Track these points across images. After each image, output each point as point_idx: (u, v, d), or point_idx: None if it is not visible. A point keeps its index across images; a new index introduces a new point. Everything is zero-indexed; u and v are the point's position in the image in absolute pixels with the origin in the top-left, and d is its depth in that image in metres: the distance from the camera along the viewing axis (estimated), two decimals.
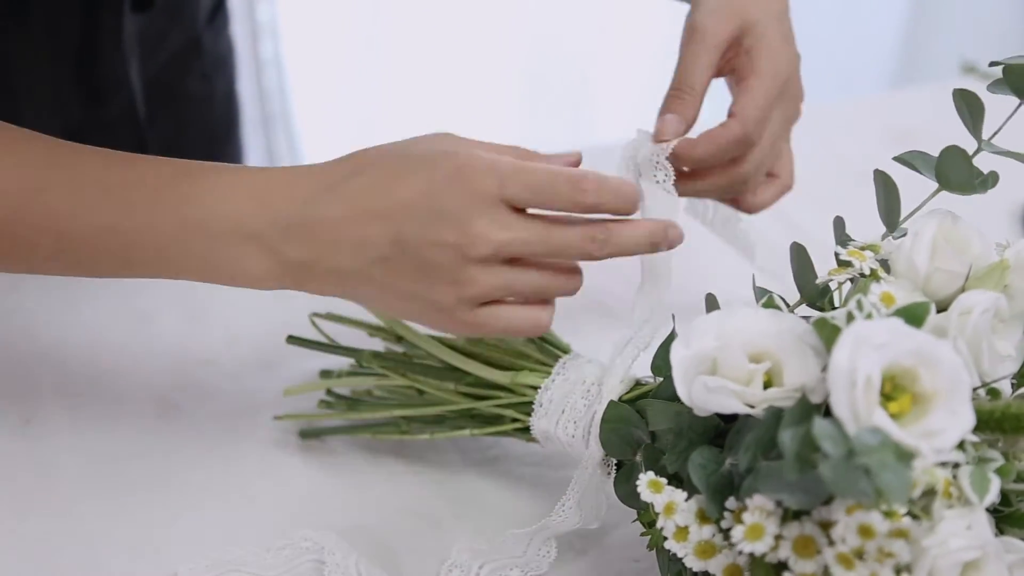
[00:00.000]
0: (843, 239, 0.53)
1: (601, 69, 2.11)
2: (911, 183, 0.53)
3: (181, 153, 0.58)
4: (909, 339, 0.42)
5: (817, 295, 0.52)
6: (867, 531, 0.41)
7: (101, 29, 0.79)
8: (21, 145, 0.55)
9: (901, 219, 0.53)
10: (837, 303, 0.52)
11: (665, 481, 0.48)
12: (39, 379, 0.71)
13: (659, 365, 0.55)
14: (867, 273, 0.49)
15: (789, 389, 0.44)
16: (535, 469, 0.65)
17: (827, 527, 0.42)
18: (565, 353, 0.60)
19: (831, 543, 0.42)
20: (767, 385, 0.45)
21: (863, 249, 0.50)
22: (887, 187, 0.52)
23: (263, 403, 0.69)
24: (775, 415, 0.43)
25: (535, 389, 0.58)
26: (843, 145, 1.05)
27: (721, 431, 0.48)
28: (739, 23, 0.63)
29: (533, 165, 0.53)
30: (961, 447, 0.43)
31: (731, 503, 0.45)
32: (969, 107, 0.52)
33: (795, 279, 0.53)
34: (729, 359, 0.45)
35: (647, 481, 0.48)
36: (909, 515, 0.41)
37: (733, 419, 0.47)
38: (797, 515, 0.43)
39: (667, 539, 0.47)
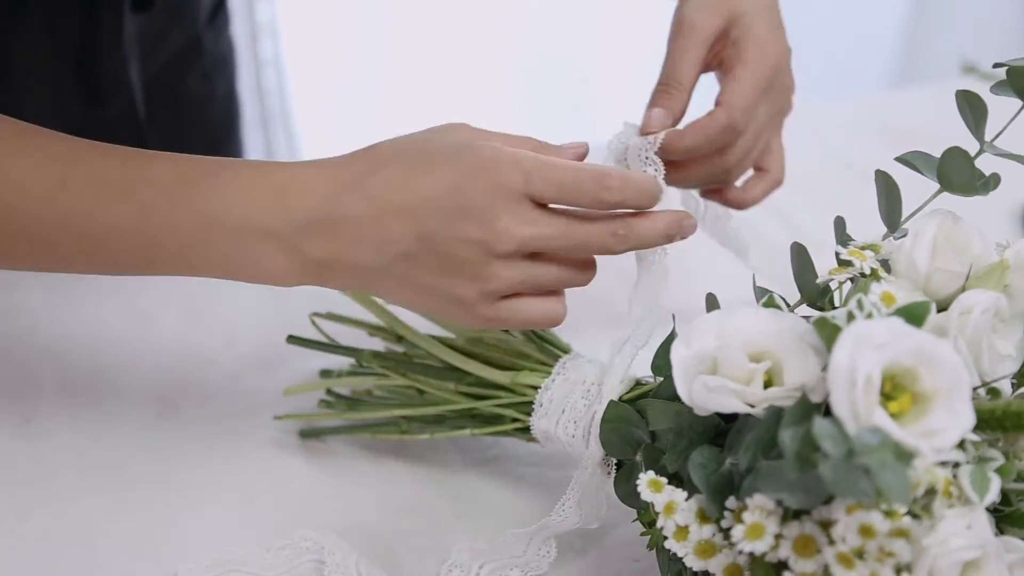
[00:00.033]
0: (844, 239, 0.53)
1: (601, 69, 2.11)
2: (911, 183, 0.53)
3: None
4: (909, 339, 0.42)
5: (817, 295, 0.52)
6: (867, 531, 0.41)
7: (101, 29, 0.79)
8: (39, 144, 0.54)
9: (902, 219, 0.53)
10: (837, 303, 0.52)
11: (665, 481, 0.48)
12: (39, 378, 0.71)
13: (659, 365, 0.55)
14: (867, 273, 0.49)
15: (789, 388, 0.44)
16: (535, 469, 0.65)
17: (827, 526, 0.42)
18: (565, 353, 0.60)
19: (831, 542, 0.42)
20: (767, 385, 0.45)
21: (863, 249, 0.50)
22: (888, 187, 0.52)
23: (263, 403, 0.69)
24: (775, 415, 0.43)
25: (535, 389, 0.58)
26: (843, 145, 1.05)
27: (721, 431, 0.48)
28: (727, 16, 0.63)
29: (557, 161, 0.53)
30: (961, 446, 0.43)
31: (731, 502, 0.45)
32: (972, 108, 0.52)
33: (795, 279, 0.53)
34: (729, 358, 0.45)
35: (647, 481, 0.48)
36: (909, 514, 0.41)
37: (733, 419, 0.47)
38: (797, 514, 0.43)
39: (667, 539, 0.46)
